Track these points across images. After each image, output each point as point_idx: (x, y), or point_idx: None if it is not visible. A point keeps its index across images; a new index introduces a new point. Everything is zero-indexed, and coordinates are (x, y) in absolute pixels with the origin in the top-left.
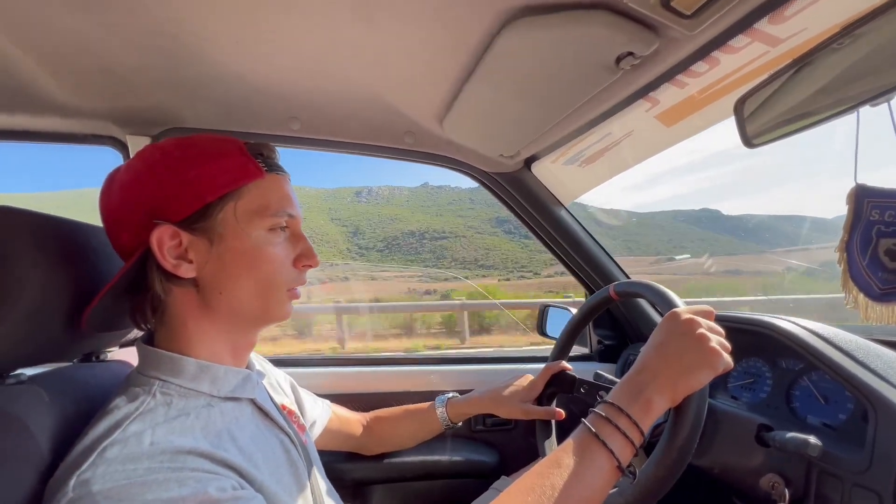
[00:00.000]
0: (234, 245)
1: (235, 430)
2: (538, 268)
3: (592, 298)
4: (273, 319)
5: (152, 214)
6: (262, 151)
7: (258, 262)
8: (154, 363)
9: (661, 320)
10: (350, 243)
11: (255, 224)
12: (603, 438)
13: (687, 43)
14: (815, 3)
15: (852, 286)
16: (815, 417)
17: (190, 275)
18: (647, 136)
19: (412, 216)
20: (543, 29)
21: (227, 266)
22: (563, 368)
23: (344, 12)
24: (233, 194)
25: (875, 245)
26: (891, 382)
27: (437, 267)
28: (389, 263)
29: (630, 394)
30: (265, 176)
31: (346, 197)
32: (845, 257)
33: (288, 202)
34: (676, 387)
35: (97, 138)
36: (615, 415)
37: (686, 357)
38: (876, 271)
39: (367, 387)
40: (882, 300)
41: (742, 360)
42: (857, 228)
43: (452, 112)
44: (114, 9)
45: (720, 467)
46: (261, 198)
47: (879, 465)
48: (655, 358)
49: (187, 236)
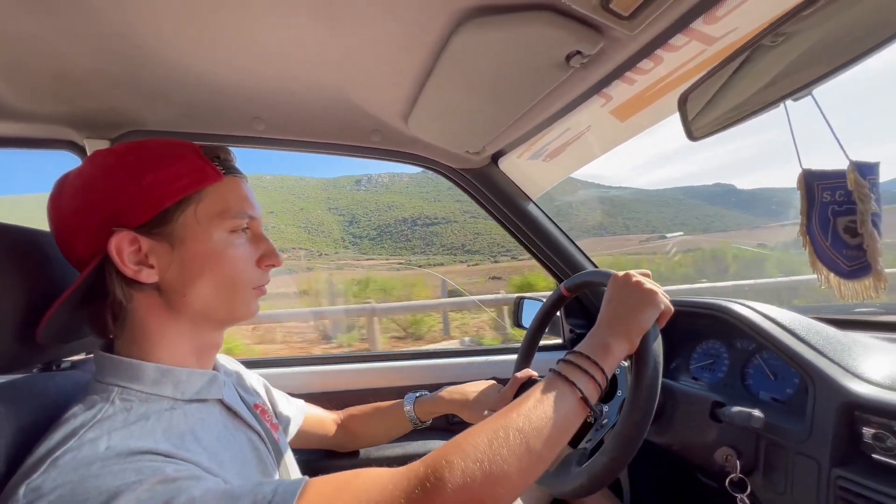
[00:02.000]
0: (196, 248)
1: (200, 430)
2: (521, 252)
3: (547, 302)
4: (239, 319)
5: (110, 221)
6: (219, 154)
7: (221, 264)
8: (113, 370)
9: (610, 281)
10: (345, 232)
11: (216, 226)
12: (566, 374)
13: (630, 42)
14: (743, 4)
15: (821, 266)
16: (766, 393)
17: (152, 280)
18: (604, 131)
19: (409, 203)
20: (495, 29)
21: (189, 269)
22: (529, 376)
23: (304, 12)
24: (192, 198)
25: (833, 224)
26: (828, 356)
27: (426, 253)
28: (378, 251)
29: (590, 344)
30: (223, 179)
31: (346, 186)
32: (808, 240)
33: (247, 204)
34: (630, 328)
35: (54, 142)
36: (578, 358)
37: (629, 302)
38: (840, 249)
39: (341, 385)
40: (852, 276)
41: (702, 343)
42: (813, 211)
43: (416, 110)
44: (65, 12)
45: (679, 444)
46: (220, 200)
47: (817, 434)
48: (606, 312)
49: (147, 241)
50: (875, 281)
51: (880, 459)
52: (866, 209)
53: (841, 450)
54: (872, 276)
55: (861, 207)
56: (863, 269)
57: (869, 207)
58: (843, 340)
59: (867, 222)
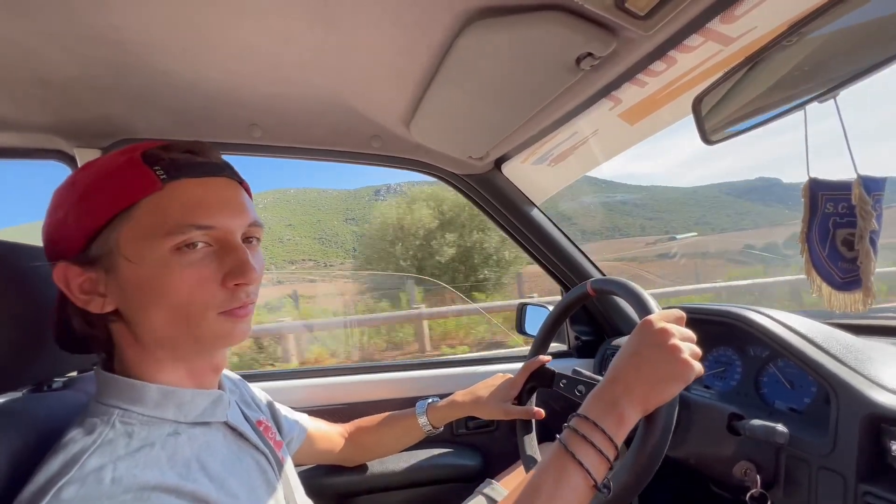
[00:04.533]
0: (128, 275)
1: (206, 456)
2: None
3: (570, 294)
4: (217, 346)
5: (54, 253)
6: (164, 156)
7: (164, 290)
8: (113, 390)
9: (635, 327)
10: (357, 242)
11: (151, 246)
12: (579, 458)
13: (644, 43)
14: (763, 3)
15: (815, 275)
16: (782, 403)
17: (106, 309)
18: (612, 135)
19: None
20: (502, 30)
21: (130, 297)
22: (542, 363)
23: (299, 15)
24: (120, 216)
25: (833, 236)
26: (849, 365)
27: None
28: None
29: (604, 407)
30: (162, 186)
31: (366, 196)
32: (806, 248)
33: (198, 211)
34: (649, 399)
35: (43, 152)
36: (590, 430)
37: (660, 369)
38: (836, 261)
39: (345, 397)
40: (843, 289)
41: (713, 350)
42: (814, 220)
43: (418, 115)
44: (48, 17)
45: (695, 458)
46: (155, 214)
47: (842, 447)
48: (629, 369)
49: (86, 271)
50: (864, 296)
51: None
52: (866, 226)
53: (867, 464)
54: (863, 291)
55: (861, 224)
56: (854, 283)
57: (869, 225)
58: (863, 348)
59: (865, 239)
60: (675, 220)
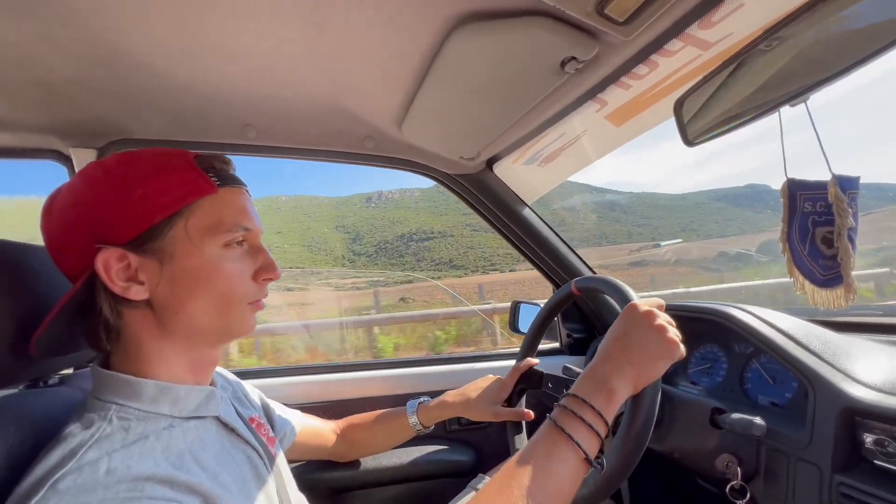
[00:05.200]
0: (187, 264)
1: (199, 449)
2: (510, 264)
3: (556, 295)
4: (235, 335)
5: (96, 237)
6: (214, 164)
7: (213, 280)
8: (110, 387)
9: (620, 312)
10: (346, 249)
11: (209, 241)
12: (569, 432)
13: (625, 47)
14: (739, 10)
15: (798, 273)
16: (764, 397)
17: (142, 297)
18: (599, 136)
19: (414, 217)
20: (489, 35)
21: (181, 285)
22: (530, 366)
23: (293, 18)
24: (182, 212)
25: (812, 234)
26: (826, 361)
27: (417, 269)
28: (371, 268)
29: (594, 384)
30: (217, 191)
31: (357, 203)
32: (788, 247)
33: (243, 216)
34: (639, 376)
35: (39, 152)
36: (580, 407)
37: (648, 348)
38: (816, 258)
39: (338, 394)
40: (825, 286)
41: (699, 347)
42: (794, 220)
43: (410, 116)
44: (46, 19)
45: (679, 451)
46: (213, 213)
47: (818, 440)
48: (618, 349)
49: (136, 258)
50: (846, 292)
51: (882, 465)
52: (843, 224)
53: (842, 456)
54: (844, 287)
55: (839, 222)
56: (836, 280)
57: (846, 223)
58: (842, 344)
59: (843, 236)
60: (664, 227)
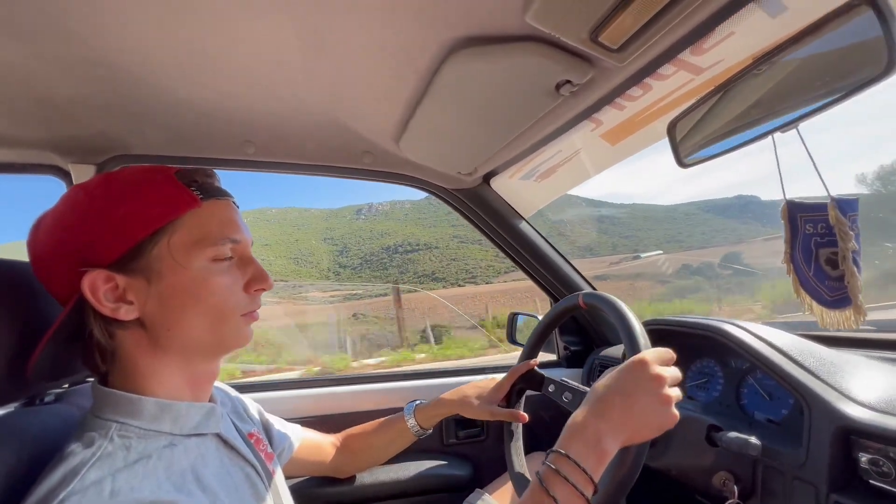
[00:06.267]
0: (174, 280)
1: (200, 468)
2: (489, 277)
3: (561, 303)
4: (230, 348)
5: (81, 261)
6: (196, 178)
7: (203, 295)
8: (110, 405)
9: (628, 362)
10: (333, 262)
11: (195, 256)
12: (556, 496)
13: (619, 72)
14: (730, 38)
15: (804, 294)
16: (761, 413)
17: (132, 316)
18: (595, 154)
19: (402, 230)
20: (486, 59)
21: (170, 303)
22: (530, 366)
23: (293, 40)
24: (166, 228)
25: (816, 255)
26: (821, 378)
27: (400, 281)
28: (355, 280)
29: (586, 444)
30: (201, 204)
31: (347, 215)
32: (792, 268)
33: (230, 227)
34: (632, 438)
35: (38, 167)
36: (570, 471)
37: (649, 416)
38: (822, 279)
39: (337, 408)
40: (834, 307)
41: (695, 361)
42: (796, 241)
43: (408, 133)
44: (48, 39)
45: (676, 468)
46: (198, 228)
47: (814, 458)
48: (618, 409)
49: (123, 278)
50: (855, 314)
51: (877, 485)
52: (847, 247)
53: (838, 475)
54: (853, 309)
55: (842, 245)
56: (844, 301)
57: (849, 245)
58: (836, 361)
59: (848, 259)
60: (649, 238)
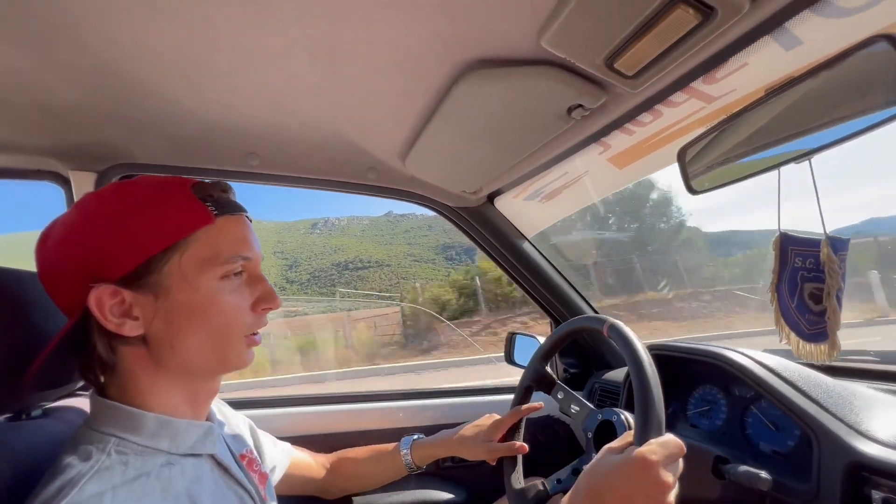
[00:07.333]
0: (182, 298)
1: (196, 490)
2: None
3: (582, 321)
4: (231, 369)
5: (90, 274)
6: (212, 193)
7: (210, 314)
8: (109, 418)
9: (634, 456)
10: (280, 276)
11: (205, 274)
12: None
13: (632, 98)
14: (743, 68)
15: (784, 325)
16: (766, 444)
17: (136, 332)
18: (601, 177)
19: (357, 246)
20: (498, 81)
21: (176, 321)
22: (532, 410)
23: (303, 56)
24: (178, 245)
25: (801, 289)
26: (830, 411)
27: (349, 298)
28: (300, 296)
29: None
30: (215, 220)
31: (301, 229)
32: (776, 297)
33: (242, 245)
34: None
35: (38, 174)
36: None
37: None
38: (804, 312)
39: (332, 426)
40: (811, 340)
41: (698, 388)
42: (784, 273)
43: (414, 151)
44: (57, 49)
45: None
46: (210, 245)
47: (825, 494)
48: (610, 492)
49: (130, 294)
50: (829, 348)
51: None
52: (833, 284)
53: None
54: (828, 344)
55: (829, 282)
56: (821, 335)
57: (836, 283)
58: (843, 393)
59: (832, 296)
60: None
